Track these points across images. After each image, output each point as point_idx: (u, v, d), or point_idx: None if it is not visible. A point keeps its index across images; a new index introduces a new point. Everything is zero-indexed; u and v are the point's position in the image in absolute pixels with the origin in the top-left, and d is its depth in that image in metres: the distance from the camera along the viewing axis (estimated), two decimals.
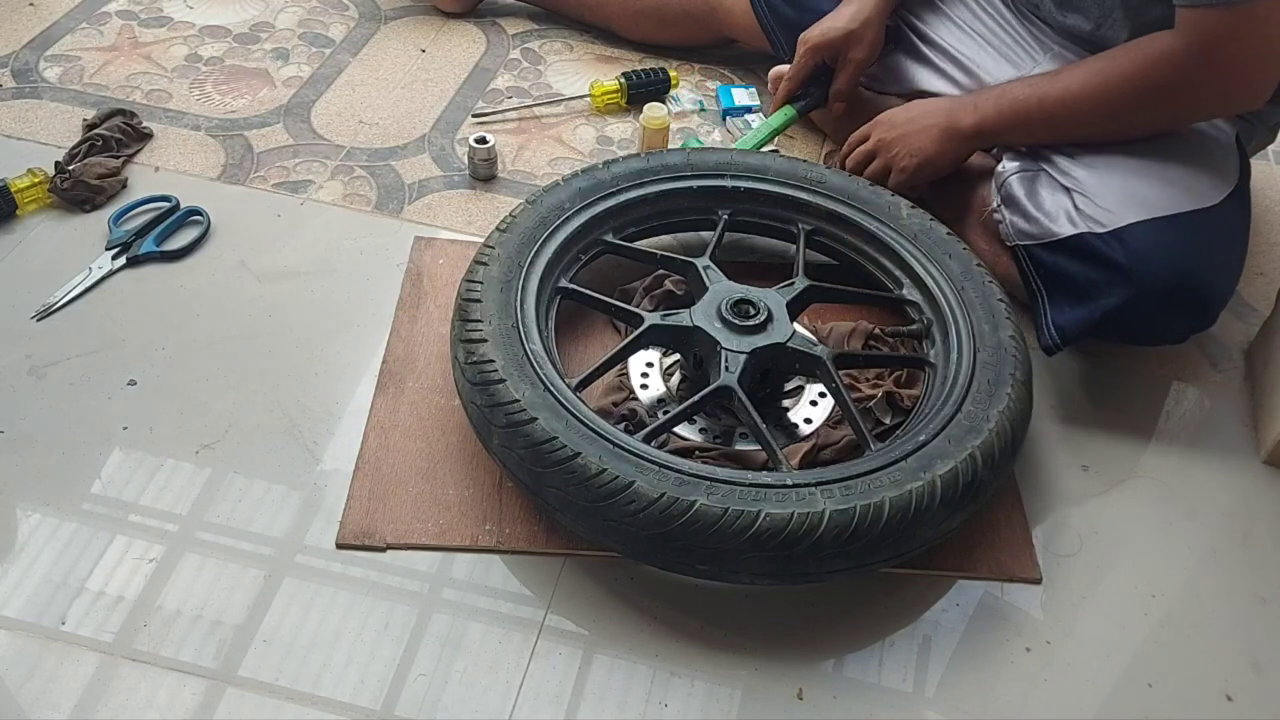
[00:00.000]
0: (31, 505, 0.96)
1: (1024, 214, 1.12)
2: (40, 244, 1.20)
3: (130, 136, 1.33)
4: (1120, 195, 1.06)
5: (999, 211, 1.15)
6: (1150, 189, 1.06)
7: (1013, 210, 1.13)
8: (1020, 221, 1.12)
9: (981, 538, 0.98)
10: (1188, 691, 0.91)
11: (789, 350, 0.99)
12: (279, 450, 1.02)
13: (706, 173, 1.16)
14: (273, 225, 1.25)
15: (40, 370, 1.07)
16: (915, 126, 1.20)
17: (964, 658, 0.91)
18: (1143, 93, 1.07)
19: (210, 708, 0.84)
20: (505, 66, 1.53)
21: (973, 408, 0.95)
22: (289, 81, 1.47)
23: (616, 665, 0.89)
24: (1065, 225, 1.08)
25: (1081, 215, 1.07)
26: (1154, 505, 1.04)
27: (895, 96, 1.36)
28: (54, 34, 1.51)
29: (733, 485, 0.86)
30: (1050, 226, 1.09)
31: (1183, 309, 1.06)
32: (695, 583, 0.92)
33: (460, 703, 0.85)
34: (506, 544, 0.95)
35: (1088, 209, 1.07)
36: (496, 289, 1.00)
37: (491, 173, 1.33)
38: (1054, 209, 1.09)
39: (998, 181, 1.15)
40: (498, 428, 0.91)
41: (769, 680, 0.89)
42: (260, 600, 0.91)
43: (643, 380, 1.08)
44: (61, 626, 0.88)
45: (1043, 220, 1.10)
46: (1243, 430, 1.12)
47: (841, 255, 1.16)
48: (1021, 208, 1.12)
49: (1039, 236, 1.10)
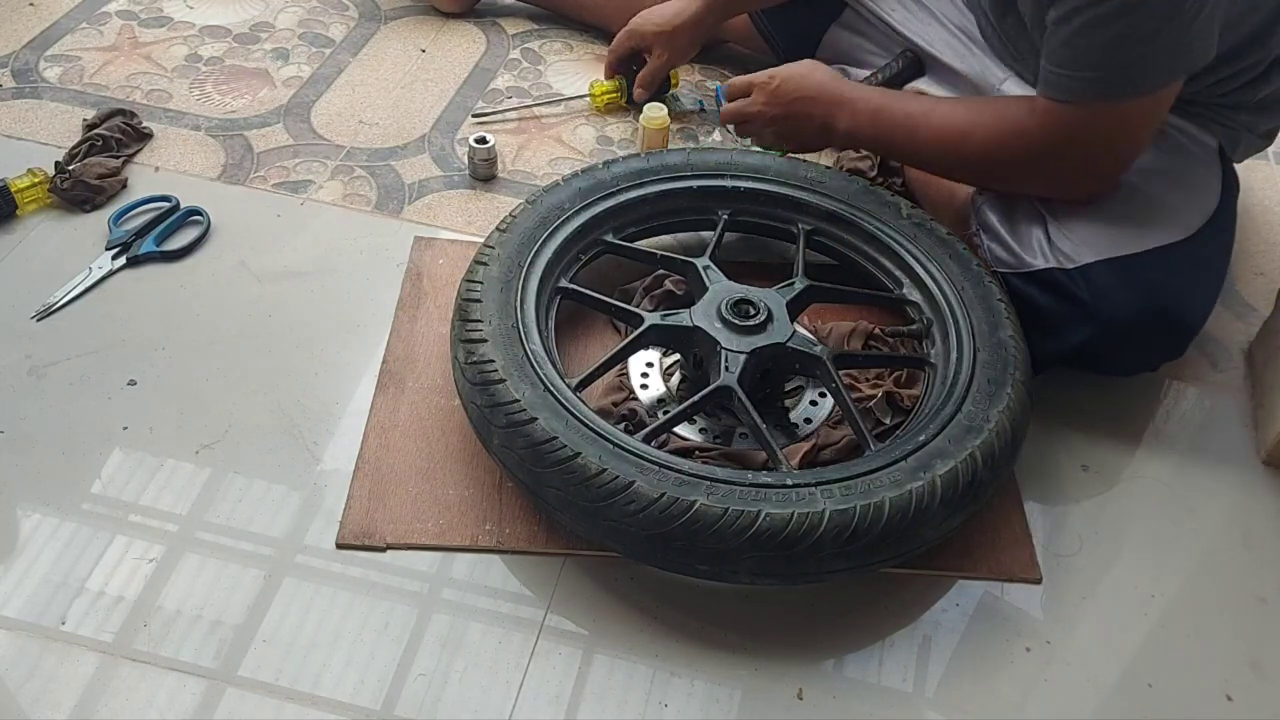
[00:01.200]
0: (31, 505, 0.96)
1: (1001, 242, 1.11)
2: (40, 244, 1.20)
3: (130, 136, 1.33)
4: (1089, 229, 1.05)
5: (978, 235, 1.14)
6: (1124, 223, 1.05)
7: (990, 236, 1.12)
8: (997, 249, 1.11)
9: (981, 538, 0.98)
10: (1188, 691, 0.91)
11: (789, 350, 0.99)
12: (279, 450, 1.02)
13: (706, 173, 1.16)
14: (273, 225, 1.25)
15: (40, 370, 1.07)
16: (797, 110, 1.20)
17: (964, 658, 0.91)
18: (995, 159, 1.08)
19: (210, 708, 0.84)
20: (505, 66, 1.53)
21: (973, 408, 0.95)
22: (289, 81, 1.47)
23: (616, 665, 0.89)
24: (1038, 258, 1.07)
25: (1053, 249, 1.06)
26: (1154, 505, 1.04)
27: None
28: (54, 34, 1.52)
29: (733, 485, 0.86)
30: (1024, 257, 1.08)
31: (1151, 343, 1.06)
32: (695, 583, 0.92)
33: (460, 703, 0.85)
34: (506, 544, 0.95)
35: (1059, 242, 1.06)
36: (496, 289, 1.00)
37: (491, 173, 1.33)
38: (1028, 239, 1.08)
39: (974, 206, 1.15)
40: (498, 428, 0.91)
41: (769, 680, 0.89)
42: (260, 600, 0.91)
43: (643, 380, 1.08)
44: (61, 626, 0.88)
45: (1018, 250, 1.09)
46: (1243, 430, 1.12)
47: (841, 255, 1.16)
48: (998, 235, 1.11)
49: (1014, 266, 1.09)
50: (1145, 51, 0.96)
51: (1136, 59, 0.97)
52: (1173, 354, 1.09)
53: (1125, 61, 0.97)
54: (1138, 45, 0.96)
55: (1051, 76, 1.01)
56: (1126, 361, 1.09)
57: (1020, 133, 1.05)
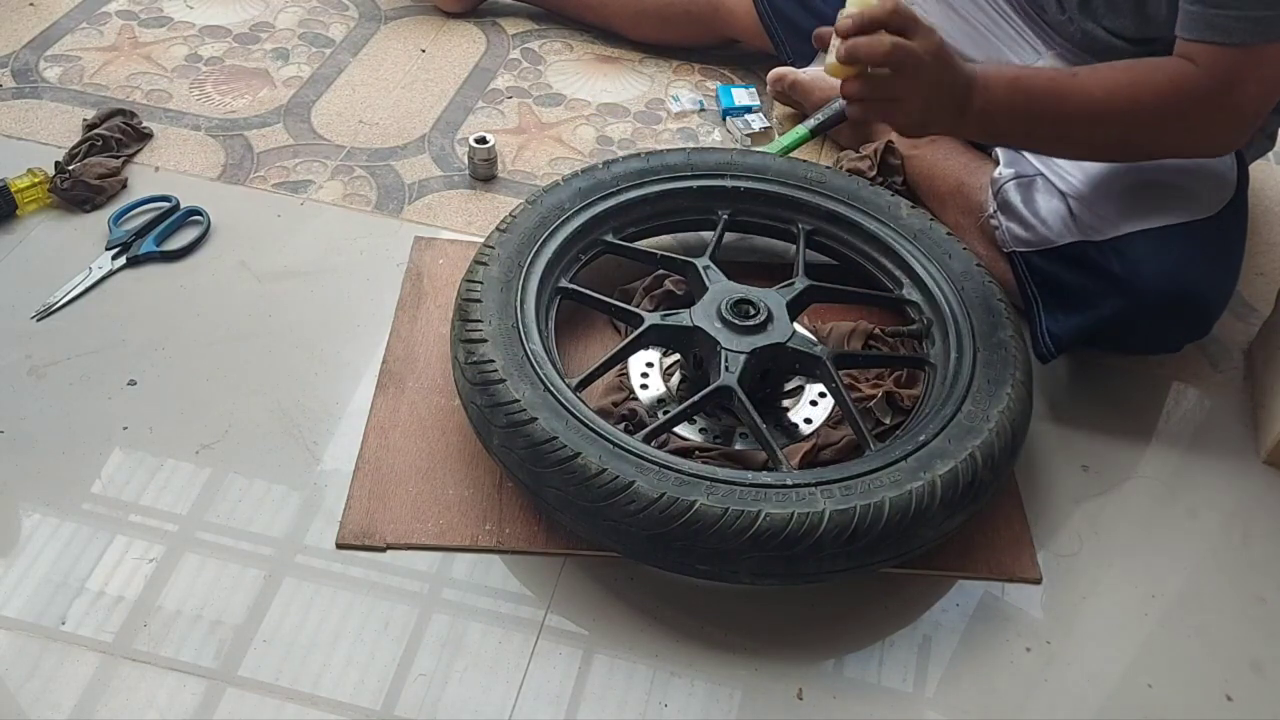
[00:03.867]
0: (31, 505, 0.96)
1: (1020, 220, 1.11)
2: (40, 244, 1.20)
3: (130, 136, 1.33)
4: (1118, 204, 1.05)
5: (995, 217, 1.14)
6: (1149, 198, 1.05)
7: (1009, 216, 1.12)
8: (1016, 228, 1.11)
9: (981, 538, 0.98)
10: (1188, 691, 0.91)
11: (789, 350, 0.99)
12: (279, 450, 1.02)
13: (706, 173, 1.16)
14: (273, 225, 1.25)
15: (40, 370, 1.07)
16: (937, 94, 0.98)
17: (964, 658, 0.91)
18: (1167, 115, 0.99)
19: (210, 708, 0.84)
20: (505, 66, 1.53)
21: (973, 408, 0.95)
22: (289, 81, 1.47)
23: (616, 665, 0.89)
24: (1062, 233, 1.07)
25: (1078, 223, 1.06)
26: (1154, 505, 1.04)
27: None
28: (54, 34, 1.51)
29: (733, 485, 0.86)
30: (1046, 234, 1.08)
31: (1178, 320, 1.06)
32: (695, 583, 0.92)
33: (460, 703, 0.85)
34: (506, 544, 0.95)
35: (1084, 216, 1.06)
36: (496, 289, 1.00)
37: (491, 173, 1.33)
38: (1050, 216, 1.09)
39: (994, 187, 1.15)
40: (498, 428, 0.91)
41: (769, 680, 0.89)
42: (260, 600, 0.91)
43: (643, 380, 1.08)
44: (61, 626, 0.88)
45: (1039, 227, 1.09)
46: (1243, 430, 1.12)
47: (841, 255, 1.16)
48: (1018, 214, 1.11)
49: (1035, 244, 1.09)
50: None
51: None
52: (1198, 333, 1.09)
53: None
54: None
55: (1212, 17, 0.94)
56: (1153, 338, 1.08)
57: (1190, 85, 0.97)
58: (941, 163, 1.26)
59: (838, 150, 1.38)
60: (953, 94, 0.98)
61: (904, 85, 0.95)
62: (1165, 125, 1.01)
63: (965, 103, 0.99)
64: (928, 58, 0.94)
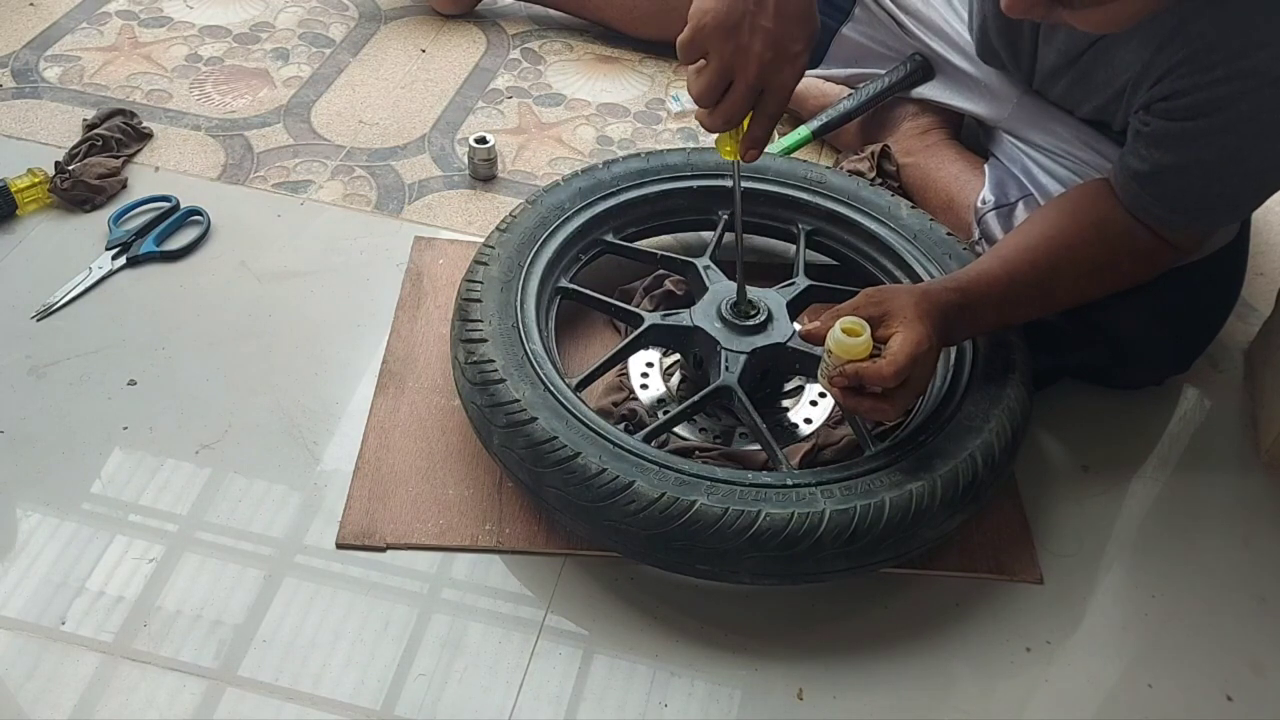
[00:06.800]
0: (31, 505, 0.96)
1: None
2: (40, 244, 1.20)
3: (130, 136, 1.33)
4: None
5: (980, 245, 1.14)
6: None
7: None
8: None
9: (981, 538, 0.98)
10: (1188, 691, 0.91)
11: (789, 350, 0.99)
12: (279, 450, 1.02)
13: (706, 173, 1.16)
14: (273, 225, 1.25)
15: (40, 370, 1.07)
16: (924, 372, 0.89)
17: (964, 658, 0.91)
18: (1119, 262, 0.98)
19: (210, 708, 0.84)
20: (505, 66, 1.53)
21: (973, 408, 0.95)
22: (289, 81, 1.47)
23: (616, 665, 0.89)
24: None
25: None
26: (1154, 505, 1.04)
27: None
28: (54, 34, 1.51)
29: (733, 485, 0.86)
30: None
31: (1160, 360, 1.06)
32: (695, 583, 0.92)
33: (460, 703, 0.85)
34: (506, 544, 0.95)
35: None
36: (496, 289, 1.00)
37: (491, 173, 1.33)
38: None
39: (976, 216, 1.14)
40: (498, 428, 0.91)
41: (769, 680, 0.89)
42: (260, 600, 0.91)
43: (643, 380, 1.08)
44: (61, 626, 0.88)
45: None
46: (1243, 430, 1.12)
47: (842, 255, 1.16)
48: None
49: None
50: (1242, 189, 0.94)
51: (1235, 196, 0.94)
52: (1179, 369, 1.09)
53: (1227, 203, 0.94)
54: (1238, 185, 0.92)
55: (1149, 204, 0.95)
56: (1134, 377, 1.09)
57: (1158, 255, 0.98)
58: (934, 173, 1.25)
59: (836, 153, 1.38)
60: (934, 359, 0.90)
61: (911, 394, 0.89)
62: (1121, 270, 0.98)
63: (949, 346, 0.97)
64: (929, 368, 0.89)
